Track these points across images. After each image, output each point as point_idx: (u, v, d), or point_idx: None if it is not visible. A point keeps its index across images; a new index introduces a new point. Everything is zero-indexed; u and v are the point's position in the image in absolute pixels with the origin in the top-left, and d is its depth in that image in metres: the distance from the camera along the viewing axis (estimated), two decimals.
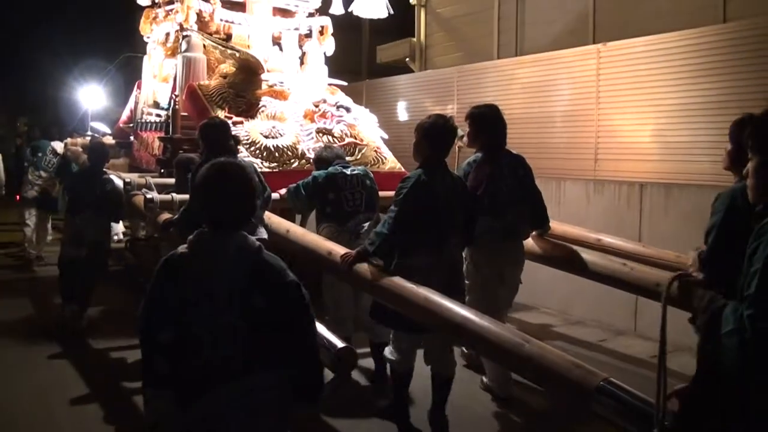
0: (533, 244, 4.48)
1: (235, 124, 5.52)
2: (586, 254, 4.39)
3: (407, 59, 10.25)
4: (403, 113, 8.83)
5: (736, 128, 2.59)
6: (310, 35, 7.32)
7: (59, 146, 8.20)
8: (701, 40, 5.44)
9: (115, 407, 3.97)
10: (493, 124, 4.15)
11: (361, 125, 6.41)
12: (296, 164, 5.73)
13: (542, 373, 2.53)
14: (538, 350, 2.55)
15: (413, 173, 3.53)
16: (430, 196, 3.44)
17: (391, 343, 3.68)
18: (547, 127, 6.76)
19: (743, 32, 5.19)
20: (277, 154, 5.72)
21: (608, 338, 5.54)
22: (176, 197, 4.72)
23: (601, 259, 4.34)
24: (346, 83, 7.33)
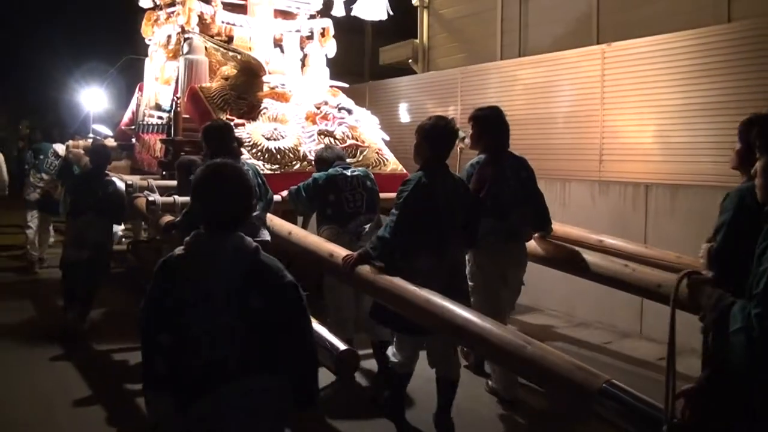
0: (535, 245, 4.48)
1: (236, 126, 5.52)
2: (587, 255, 4.39)
3: (410, 61, 10.23)
4: (406, 115, 8.82)
5: (744, 127, 2.58)
6: (311, 37, 7.32)
7: (61, 148, 8.20)
8: (706, 39, 5.41)
9: (117, 409, 3.97)
10: (495, 125, 4.16)
11: (362, 127, 6.42)
12: (298, 166, 5.73)
13: (544, 375, 2.53)
14: (540, 352, 2.55)
15: (413, 176, 3.53)
16: (430, 198, 3.44)
17: (393, 344, 3.68)
18: (551, 127, 6.75)
19: (748, 32, 5.17)
20: (278, 156, 5.72)
21: (613, 340, 5.51)
22: (178, 199, 4.73)
23: (602, 260, 4.34)
24: (347, 85, 7.33)
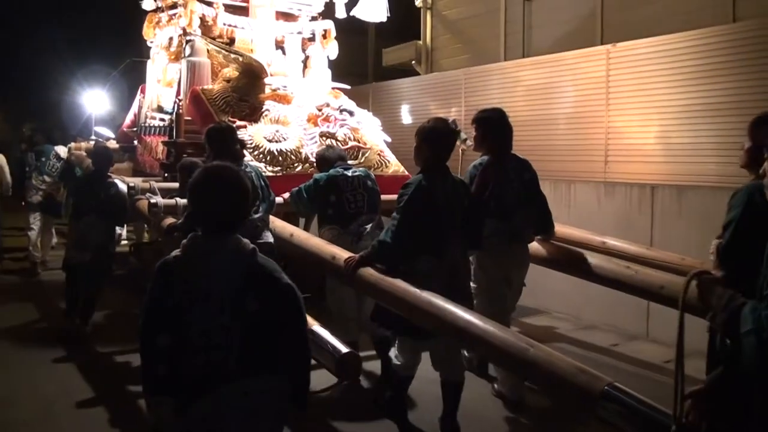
0: (538, 247, 4.48)
1: (238, 128, 5.52)
2: (590, 257, 4.39)
3: (413, 62, 10.23)
4: (409, 116, 8.79)
5: (754, 126, 2.57)
6: (313, 39, 7.33)
7: (63, 151, 8.22)
8: (712, 40, 5.37)
9: (119, 411, 3.96)
10: (499, 127, 4.17)
11: (364, 129, 6.42)
12: (300, 168, 5.74)
13: (546, 377, 2.52)
14: (542, 355, 2.55)
15: (413, 179, 3.53)
16: (430, 200, 3.43)
17: (395, 346, 3.67)
18: (556, 129, 6.72)
19: (754, 32, 5.14)
20: (280, 158, 5.73)
21: (620, 343, 5.46)
22: (180, 202, 4.72)
23: (605, 262, 4.33)
24: (349, 87, 7.33)
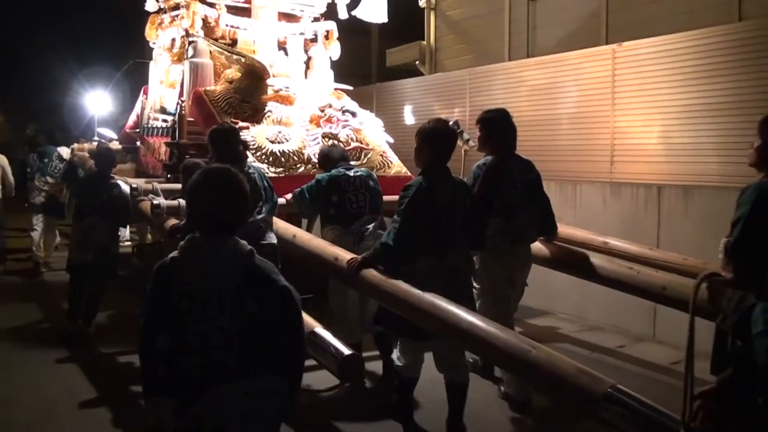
0: (540, 247, 4.48)
1: (241, 129, 5.53)
2: (592, 257, 4.38)
3: (417, 62, 10.23)
4: (414, 116, 8.76)
5: (764, 125, 2.57)
6: (315, 40, 7.33)
7: (65, 152, 8.24)
8: (718, 39, 5.35)
9: (122, 411, 3.97)
10: (503, 128, 4.18)
11: (366, 129, 6.42)
12: (302, 169, 5.74)
13: (549, 379, 2.52)
14: (545, 356, 2.55)
15: (414, 181, 3.53)
16: (431, 201, 3.44)
17: (397, 348, 3.67)
18: (561, 129, 6.71)
19: (760, 31, 5.11)
20: (283, 159, 5.73)
21: (627, 344, 5.43)
22: (183, 203, 4.73)
23: (607, 262, 4.33)
24: (351, 87, 7.32)
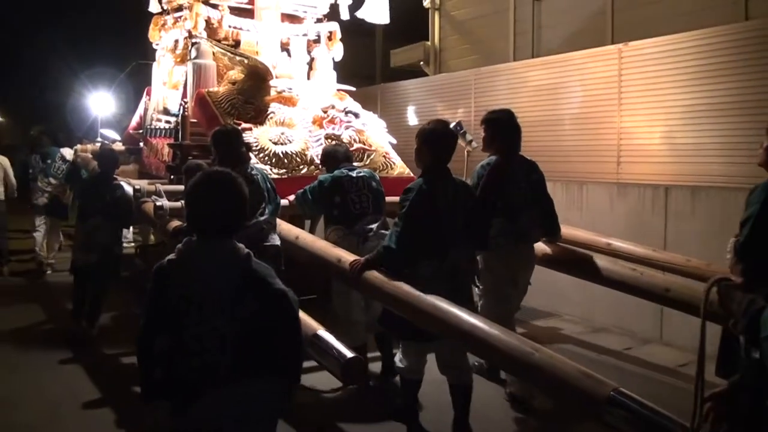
0: (543, 248, 4.47)
1: (243, 130, 5.52)
2: (595, 259, 4.38)
3: (421, 63, 10.23)
4: (418, 117, 8.72)
5: None
6: (318, 41, 7.32)
7: (68, 153, 8.25)
8: (725, 38, 5.31)
9: (125, 412, 3.97)
10: (508, 128, 4.18)
11: (369, 131, 6.41)
12: (305, 170, 5.73)
13: (552, 382, 2.51)
14: (547, 359, 2.54)
15: (414, 183, 3.52)
16: (431, 204, 3.43)
17: (400, 350, 3.67)
18: (567, 129, 6.68)
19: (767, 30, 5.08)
20: (285, 160, 5.72)
21: (634, 346, 5.39)
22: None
23: (610, 263, 4.32)
24: (354, 88, 7.31)
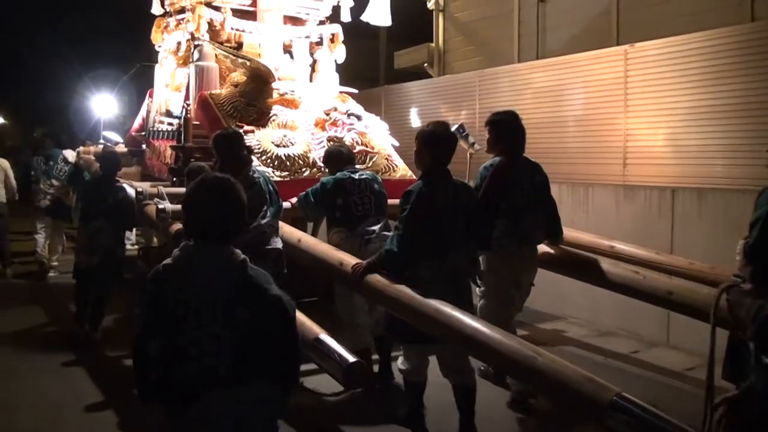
0: (546, 251, 4.47)
1: (246, 133, 5.52)
2: (598, 262, 4.37)
3: (425, 64, 10.21)
4: (422, 119, 8.69)
5: None
6: (321, 43, 7.32)
7: (70, 154, 8.26)
8: (732, 39, 5.28)
9: (127, 414, 3.97)
10: (512, 130, 4.18)
11: (372, 133, 6.40)
12: (307, 173, 5.73)
13: (554, 386, 2.50)
14: (550, 363, 2.53)
15: (414, 186, 3.52)
16: (431, 206, 3.43)
17: (402, 353, 3.66)
18: (573, 131, 6.66)
19: None
20: (288, 162, 5.72)
21: (640, 349, 5.34)
22: None
23: (613, 266, 4.31)
24: (356, 91, 7.31)
